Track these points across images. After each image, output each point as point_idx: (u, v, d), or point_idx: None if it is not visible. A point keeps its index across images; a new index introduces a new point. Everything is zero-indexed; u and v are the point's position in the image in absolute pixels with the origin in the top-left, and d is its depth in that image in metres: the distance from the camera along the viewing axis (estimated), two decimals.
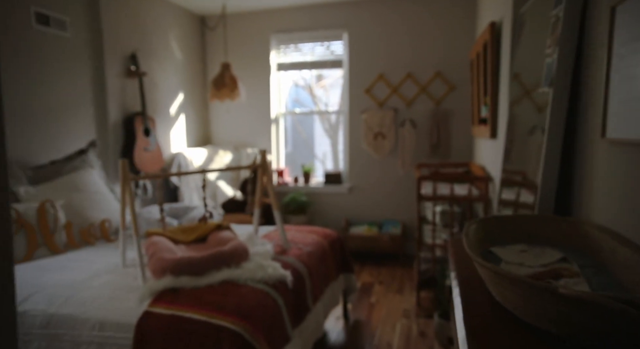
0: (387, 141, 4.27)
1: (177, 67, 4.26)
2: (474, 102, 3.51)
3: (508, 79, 2.39)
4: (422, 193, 3.06)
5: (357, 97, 4.33)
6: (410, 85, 4.17)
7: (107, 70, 3.31)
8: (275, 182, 4.67)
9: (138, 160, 3.50)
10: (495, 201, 2.71)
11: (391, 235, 4.07)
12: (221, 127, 4.80)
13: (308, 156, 7.48)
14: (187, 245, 2.27)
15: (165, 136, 4.09)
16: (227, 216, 4.09)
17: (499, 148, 2.69)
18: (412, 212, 4.29)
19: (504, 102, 2.53)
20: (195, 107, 4.59)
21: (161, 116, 4.00)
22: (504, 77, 2.54)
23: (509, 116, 2.20)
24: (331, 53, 4.46)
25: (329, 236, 2.71)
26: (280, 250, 2.30)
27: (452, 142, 4.13)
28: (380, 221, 4.39)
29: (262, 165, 2.40)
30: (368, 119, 4.29)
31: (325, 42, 4.44)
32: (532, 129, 2.21)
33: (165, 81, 4.07)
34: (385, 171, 4.33)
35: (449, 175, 3.40)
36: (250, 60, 4.59)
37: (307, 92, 6.69)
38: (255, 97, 4.62)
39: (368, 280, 3.68)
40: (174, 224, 2.67)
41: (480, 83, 3.10)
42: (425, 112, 4.15)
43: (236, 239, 2.13)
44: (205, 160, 4.34)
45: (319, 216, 4.56)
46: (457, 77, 4.03)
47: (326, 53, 4.48)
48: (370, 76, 4.27)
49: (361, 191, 4.43)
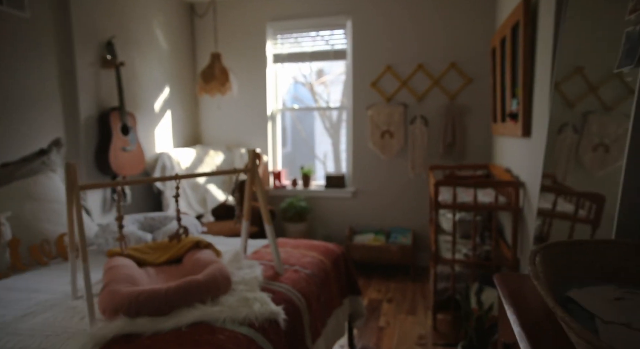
0: (396, 139, 3.84)
1: (163, 58, 3.83)
2: (497, 97, 3.08)
3: (550, 66, 1.96)
4: (440, 200, 2.63)
5: (362, 92, 3.90)
6: (421, 78, 3.74)
7: (78, 58, 2.89)
8: (272, 185, 4.24)
9: (114, 161, 3.07)
10: (531, 211, 2.28)
11: (400, 245, 3.65)
12: (212, 125, 4.37)
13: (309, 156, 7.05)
14: (156, 268, 1.84)
15: (149, 134, 3.66)
16: (217, 224, 3.67)
17: (533, 148, 2.27)
18: (424, 219, 3.86)
19: (543, 94, 2.10)
20: (183, 103, 4.16)
21: (143, 112, 3.58)
22: (543, 63, 2.10)
23: (552, 110, 1.78)
24: (330, 46, 4.03)
25: (332, 253, 2.28)
26: (272, 274, 1.87)
27: (468, 141, 3.70)
28: (388, 228, 3.96)
29: (250, 168, 1.98)
30: (374, 116, 3.86)
31: (326, 31, 4.01)
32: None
33: (149, 73, 3.64)
34: (393, 174, 3.90)
35: (472, 179, 2.97)
36: (244, 52, 4.16)
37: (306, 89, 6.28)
38: (249, 92, 4.19)
39: (375, 297, 3.26)
40: (147, 239, 2.24)
41: (507, 73, 2.67)
42: (439, 108, 3.71)
43: (216, 263, 1.70)
44: (194, 161, 3.92)
45: (320, 224, 4.13)
46: (474, 68, 3.60)
47: (328, 43, 4.05)
48: (377, 68, 3.83)
49: (366, 195, 4.00)
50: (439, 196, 2.62)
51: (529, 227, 2.35)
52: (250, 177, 2.00)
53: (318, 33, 4.04)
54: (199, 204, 3.86)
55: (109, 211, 3.23)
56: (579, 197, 2.18)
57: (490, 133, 3.62)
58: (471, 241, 2.93)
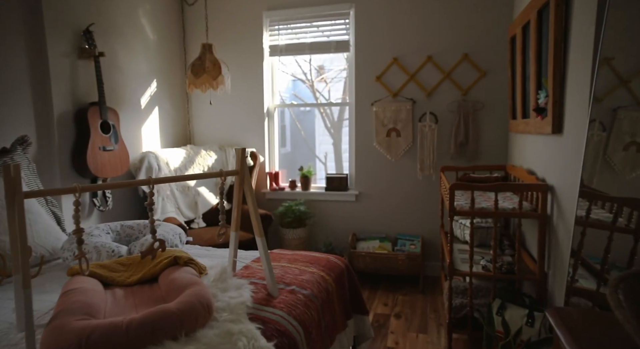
0: (403, 138, 3.54)
1: (149, 50, 3.53)
2: (517, 90, 2.78)
3: (592, 49, 1.66)
4: (457, 206, 2.33)
5: (366, 87, 3.60)
6: (431, 71, 3.44)
7: (50, 47, 2.59)
8: (268, 187, 3.94)
9: (93, 161, 2.77)
10: (563, 218, 1.98)
11: (408, 253, 3.34)
12: (204, 123, 4.07)
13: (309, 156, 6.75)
14: (126, 290, 1.54)
15: (134, 132, 3.36)
16: (209, 230, 3.37)
17: (566, 147, 1.97)
18: (434, 225, 3.55)
19: (578, 84, 1.80)
20: (172, 99, 3.86)
21: (127, 108, 3.28)
22: (579, 48, 1.80)
23: None
24: (331, 37, 3.72)
25: (335, 268, 1.98)
26: (264, 297, 1.58)
27: (483, 140, 3.40)
28: (394, 235, 3.66)
29: (239, 170, 1.68)
30: (380, 112, 3.56)
31: (328, 21, 3.70)
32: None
33: (134, 66, 3.34)
34: (400, 175, 3.60)
35: (493, 182, 2.67)
36: (238, 43, 3.86)
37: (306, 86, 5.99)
38: (244, 87, 3.90)
39: (381, 311, 2.95)
40: (122, 252, 1.94)
41: (531, 62, 2.37)
42: (450, 104, 3.41)
43: (196, 286, 1.40)
44: (184, 162, 3.62)
45: (321, 229, 3.83)
46: (489, 60, 3.30)
47: (328, 34, 3.75)
48: (382, 60, 3.53)
49: (371, 198, 3.70)
50: (454, 201, 2.31)
51: (559, 237, 2.05)
52: (239, 181, 1.70)
53: (319, 23, 3.73)
54: (189, 208, 3.56)
55: (88, 217, 2.93)
56: (617, 203, 1.87)
57: (506, 131, 3.32)
58: (491, 252, 2.64)
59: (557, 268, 2.08)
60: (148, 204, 1.45)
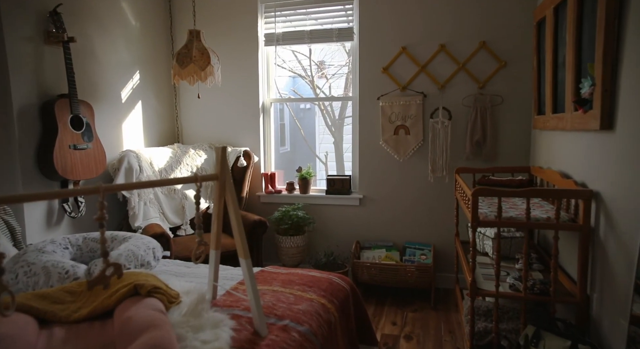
0: (412, 136, 3.19)
1: (131, 37, 3.18)
2: (545, 81, 2.43)
3: None
4: (481, 215, 1.98)
5: (372, 79, 3.25)
6: (444, 62, 3.08)
7: (7, 30, 2.24)
8: (263, 190, 3.59)
9: (61, 162, 2.42)
10: (614, 232, 1.62)
11: (419, 265, 3.00)
12: (193, 119, 3.72)
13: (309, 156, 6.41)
14: (69, 328, 1.19)
15: (113, 129, 3.01)
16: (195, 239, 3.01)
17: (617, 145, 1.62)
18: (446, 233, 3.21)
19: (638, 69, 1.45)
20: (157, 92, 3.51)
21: (105, 101, 2.93)
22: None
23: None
24: (334, 24, 3.37)
25: (338, 292, 1.63)
26: (248, 337, 1.23)
27: (502, 138, 3.05)
28: (403, 243, 3.31)
29: (219, 174, 1.33)
30: (387, 108, 3.21)
31: (329, 6, 3.35)
32: None
33: (113, 55, 2.99)
34: (409, 177, 3.25)
35: (524, 187, 2.32)
36: (230, 31, 3.51)
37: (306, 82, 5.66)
38: (237, 79, 3.55)
39: (389, 331, 2.61)
40: (79, 274, 1.58)
41: (569, 47, 2.02)
42: (465, 98, 3.06)
43: (155, 331, 1.05)
44: (170, 162, 3.27)
45: (321, 237, 3.48)
46: (510, 48, 2.95)
47: (331, 21, 3.40)
48: (390, 50, 3.18)
49: (376, 203, 3.35)
50: (477, 209, 1.96)
51: (610, 254, 1.70)
52: (219, 188, 1.35)
53: (319, 8, 3.38)
54: (175, 213, 3.21)
55: (57, 226, 2.58)
56: None
57: (529, 128, 2.97)
58: (515, 266, 2.29)
59: (605, 291, 1.73)
60: (97, 219, 1.10)
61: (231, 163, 3.43)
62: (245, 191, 3.40)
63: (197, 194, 1.25)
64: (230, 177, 1.33)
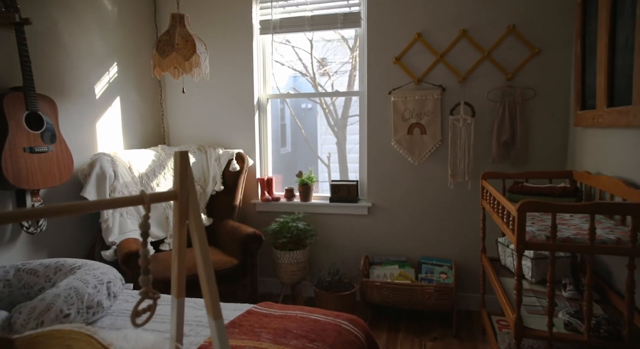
0: (429, 136, 2.78)
1: (108, 24, 2.78)
2: (600, 68, 2.02)
3: None
4: (529, 235, 1.56)
5: (382, 71, 2.84)
6: (466, 50, 2.67)
7: None
8: (259, 198, 3.18)
9: (12, 167, 2.02)
10: None
11: (438, 285, 2.59)
12: (181, 118, 3.31)
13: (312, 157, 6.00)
14: None
15: (85, 129, 2.61)
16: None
17: None
18: (470, 247, 2.79)
19: None
20: (140, 87, 3.11)
21: (74, 97, 2.53)
22: None
23: None
24: (339, 7, 2.96)
25: (349, 346, 1.21)
26: None
27: (535, 137, 2.63)
28: (418, 258, 2.90)
29: (178, 191, 0.92)
30: (399, 103, 2.80)
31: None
32: None
33: (84, 43, 2.59)
34: (426, 182, 2.84)
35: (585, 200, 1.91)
36: (221, 17, 3.11)
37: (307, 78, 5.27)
38: (229, 73, 3.14)
39: None
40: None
41: (639, 24, 1.60)
42: (491, 92, 2.65)
43: None
44: (152, 166, 2.87)
45: (325, 251, 3.07)
46: (544, 33, 2.53)
47: (335, 5, 2.98)
48: (403, 37, 2.77)
49: (387, 212, 2.93)
50: (524, 227, 1.55)
51: None
52: (180, 211, 0.93)
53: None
54: (158, 225, 2.81)
55: (11, 244, 2.17)
56: None
57: (567, 125, 2.55)
58: (569, 296, 1.87)
59: None
60: None
61: (223, 167, 3.02)
62: (239, 199, 2.99)
63: (143, 222, 0.84)
64: (195, 194, 0.92)
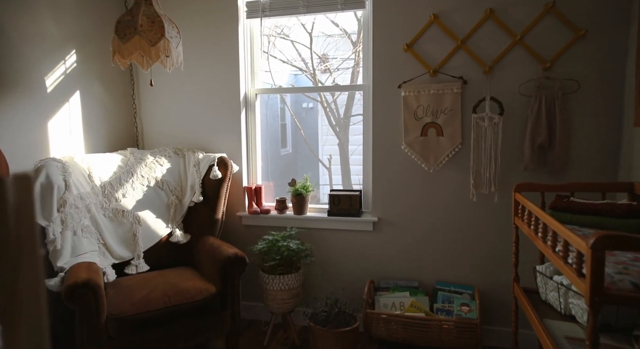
0: (447, 137, 2.31)
1: (62, 4, 2.33)
2: None
3: None
4: (609, 282, 1.10)
5: (391, 60, 2.38)
6: (492, 34, 2.21)
7: None
8: (246, 210, 2.72)
9: None
10: None
11: (459, 319, 2.12)
12: (157, 116, 2.86)
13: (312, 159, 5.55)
14: None
15: (30, 129, 2.16)
16: (150, 279, 2.17)
17: None
18: (497, 273, 2.32)
19: None
20: (105, 79, 2.66)
21: (15, 90, 2.08)
22: None
23: None
24: None
25: None
26: None
27: (577, 140, 2.16)
28: (433, 283, 2.43)
29: None
30: (411, 99, 2.34)
31: None
32: None
33: (30, 26, 2.14)
34: (442, 194, 2.37)
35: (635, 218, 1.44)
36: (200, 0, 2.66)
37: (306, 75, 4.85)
38: (209, 63, 2.69)
39: None
40: None
41: None
42: (524, 85, 2.18)
43: None
44: (118, 173, 2.42)
45: (322, 275, 2.61)
46: (591, 11, 2.07)
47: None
48: (416, 19, 2.31)
49: (396, 228, 2.47)
50: (603, 270, 1.08)
51: None
52: None
53: None
54: (123, 243, 2.36)
55: None
56: None
57: (622, 125, 2.08)
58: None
59: None
60: None
61: (203, 174, 2.57)
62: (221, 212, 2.53)
63: None
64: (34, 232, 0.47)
